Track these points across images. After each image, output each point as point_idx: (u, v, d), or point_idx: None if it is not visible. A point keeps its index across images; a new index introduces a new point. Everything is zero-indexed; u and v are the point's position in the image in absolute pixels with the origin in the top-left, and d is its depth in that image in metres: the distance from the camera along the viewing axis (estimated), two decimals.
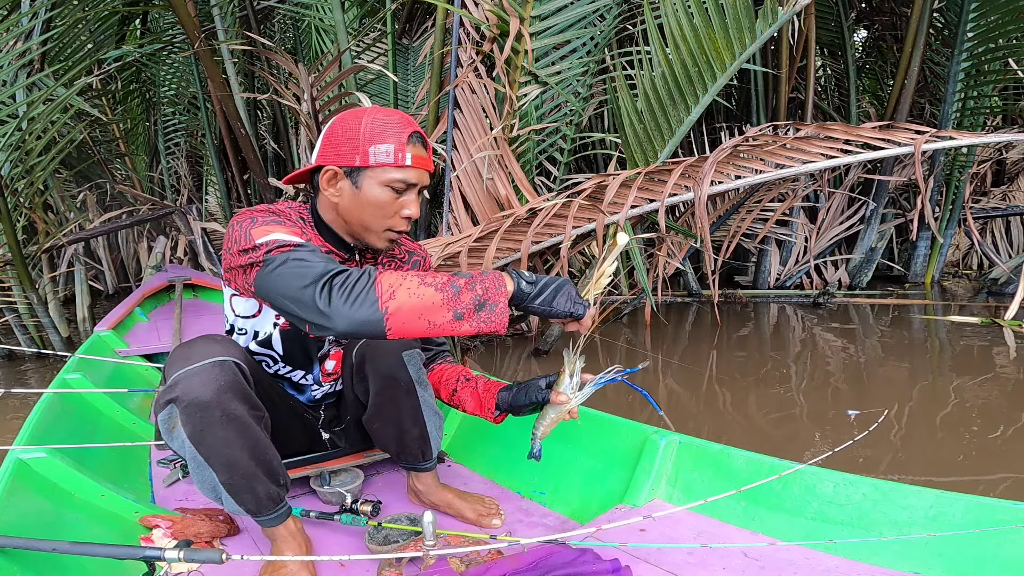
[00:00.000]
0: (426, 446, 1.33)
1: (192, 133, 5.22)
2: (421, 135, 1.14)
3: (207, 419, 1.01)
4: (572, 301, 0.98)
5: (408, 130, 1.11)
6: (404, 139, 1.10)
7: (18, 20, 3.09)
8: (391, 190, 1.11)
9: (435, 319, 0.92)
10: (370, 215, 1.13)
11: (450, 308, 0.92)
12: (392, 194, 1.12)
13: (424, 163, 1.14)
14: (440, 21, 3.05)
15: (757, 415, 2.26)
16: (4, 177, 3.00)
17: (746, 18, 2.57)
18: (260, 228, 1.04)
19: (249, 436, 1.05)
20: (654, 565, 1.13)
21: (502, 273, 0.97)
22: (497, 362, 2.96)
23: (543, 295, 0.97)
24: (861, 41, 5.39)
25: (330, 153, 1.12)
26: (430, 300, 0.91)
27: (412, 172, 1.12)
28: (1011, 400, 2.29)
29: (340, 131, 1.12)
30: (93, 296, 4.08)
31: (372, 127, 1.10)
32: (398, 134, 1.10)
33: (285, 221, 1.10)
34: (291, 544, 1.15)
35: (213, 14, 3.78)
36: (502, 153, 2.87)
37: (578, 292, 1.01)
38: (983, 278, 4.65)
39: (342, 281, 0.93)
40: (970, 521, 1.03)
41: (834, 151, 2.66)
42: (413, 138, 1.12)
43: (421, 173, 1.14)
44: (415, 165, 1.12)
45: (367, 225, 1.15)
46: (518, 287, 0.96)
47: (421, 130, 1.16)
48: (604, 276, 1.02)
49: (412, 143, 1.12)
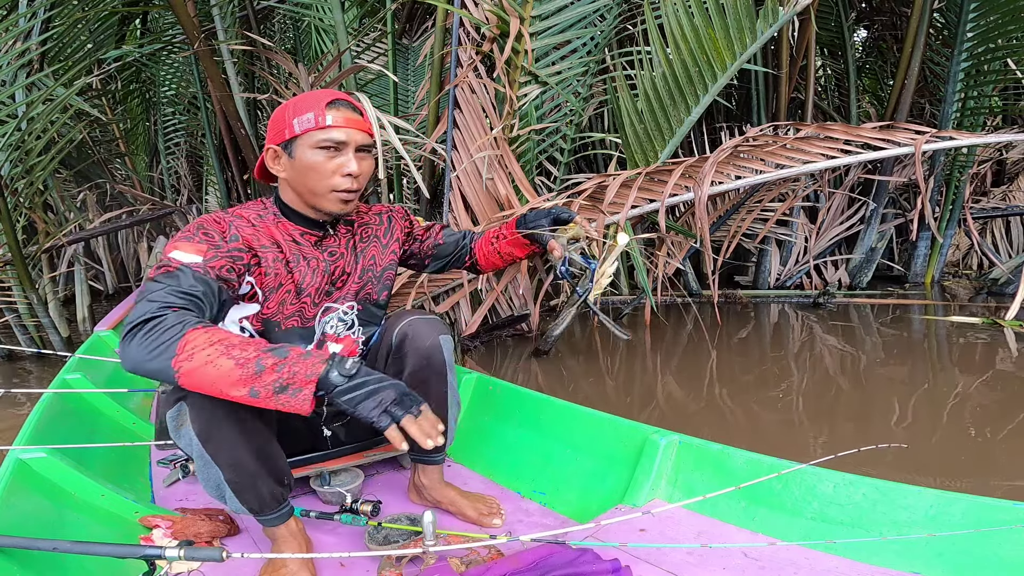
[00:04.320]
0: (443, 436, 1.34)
1: (192, 133, 5.21)
2: (348, 102, 1.20)
3: (215, 417, 1.02)
4: (381, 410, 0.90)
5: (328, 99, 1.18)
6: (323, 105, 1.17)
7: (17, 20, 3.09)
8: (321, 151, 1.17)
9: (227, 391, 0.90)
10: (311, 180, 1.19)
11: (246, 385, 0.90)
12: (323, 155, 1.17)
13: (351, 122, 1.18)
14: (440, 21, 3.05)
15: (757, 415, 2.26)
16: (4, 177, 3.00)
17: (746, 18, 2.57)
18: (175, 243, 1.09)
19: (255, 435, 1.07)
20: (654, 565, 1.13)
21: (323, 359, 0.92)
22: (497, 362, 2.96)
23: (353, 393, 0.90)
24: (861, 41, 5.39)
25: (269, 137, 1.22)
26: (225, 373, 0.89)
27: (336, 131, 1.17)
28: (1011, 400, 2.29)
29: (274, 117, 1.21)
30: (93, 296, 4.08)
31: (295, 103, 1.19)
32: (317, 102, 1.17)
33: (204, 237, 1.11)
34: (292, 544, 1.15)
35: (213, 14, 3.77)
36: (502, 153, 2.87)
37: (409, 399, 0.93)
38: (983, 278, 4.65)
39: (151, 327, 0.93)
40: (970, 521, 1.04)
41: (834, 151, 2.66)
42: (334, 104, 1.18)
43: (349, 132, 1.18)
44: (336, 124, 1.17)
45: (312, 189, 1.20)
46: (325, 376, 0.90)
47: (348, 97, 1.22)
48: (604, 276, 1.02)
49: (332, 107, 1.18)
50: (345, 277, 1.32)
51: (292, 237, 1.25)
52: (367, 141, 1.21)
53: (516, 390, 1.72)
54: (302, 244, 1.26)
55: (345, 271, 1.32)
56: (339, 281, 1.31)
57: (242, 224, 1.19)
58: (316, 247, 1.28)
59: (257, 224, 1.22)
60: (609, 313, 3.86)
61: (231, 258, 1.12)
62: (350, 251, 1.33)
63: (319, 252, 1.28)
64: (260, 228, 1.22)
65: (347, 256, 1.32)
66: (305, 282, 1.25)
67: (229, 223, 1.17)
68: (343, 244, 1.32)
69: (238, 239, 1.15)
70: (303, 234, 1.26)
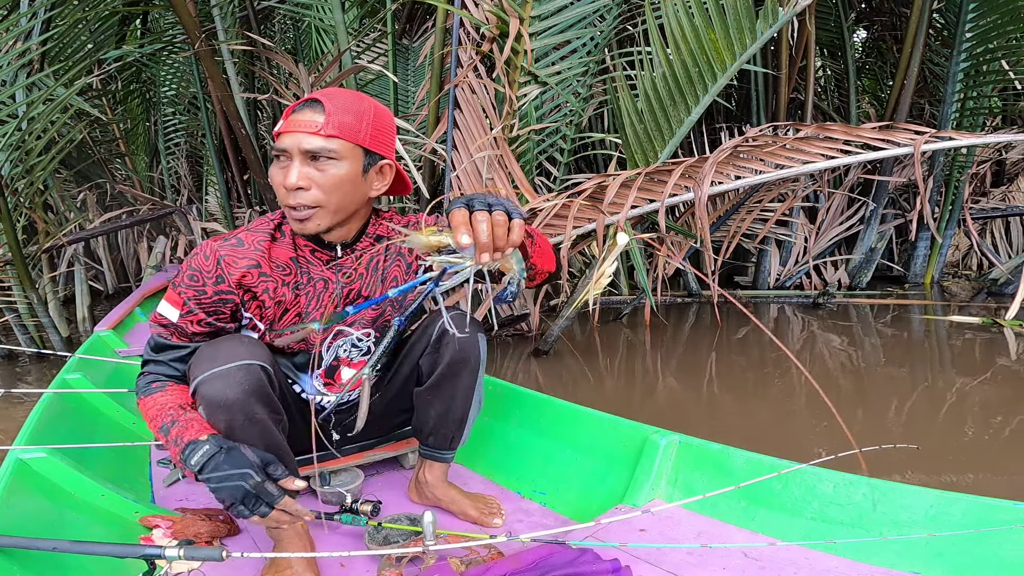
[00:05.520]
0: (459, 432, 1.34)
1: (192, 133, 5.21)
2: (317, 101, 1.04)
3: (230, 422, 1.02)
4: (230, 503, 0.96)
5: (303, 100, 1.06)
6: (291, 109, 1.05)
7: (17, 20, 3.09)
8: (275, 163, 1.07)
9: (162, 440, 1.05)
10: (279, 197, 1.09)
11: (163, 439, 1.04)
12: (276, 167, 1.06)
13: (297, 125, 1.02)
14: (440, 21, 3.05)
15: (757, 415, 2.26)
16: (4, 177, 3.00)
17: (746, 19, 2.57)
18: (168, 292, 1.12)
19: (268, 439, 1.06)
20: (654, 565, 1.13)
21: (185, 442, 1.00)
22: (497, 362, 2.96)
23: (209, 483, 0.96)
24: (861, 41, 5.39)
25: None
26: (154, 426, 1.07)
27: (282, 138, 1.04)
28: (1012, 400, 2.29)
29: None
30: (93, 296, 4.08)
31: None
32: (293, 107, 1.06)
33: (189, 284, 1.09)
34: (298, 544, 1.14)
35: (213, 14, 3.78)
36: (502, 153, 2.87)
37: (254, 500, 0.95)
38: (983, 278, 4.65)
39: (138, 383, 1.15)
40: (970, 521, 1.04)
41: (834, 151, 2.66)
42: (298, 107, 1.05)
43: (294, 137, 1.02)
44: (282, 129, 1.04)
45: None
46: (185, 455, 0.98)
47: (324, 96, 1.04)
48: (604, 276, 1.02)
49: (295, 112, 1.04)
50: (361, 301, 1.19)
51: (305, 254, 1.16)
52: (318, 146, 1.02)
53: (516, 390, 1.72)
54: (313, 263, 1.16)
55: (362, 294, 1.20)
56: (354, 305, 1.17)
57: (237, 257, 1.10)
58: (329, 267, 1.17)
59: (263, 246, 1.12)
60: (609, 313, 3.86)
61: (218, 303, 1.10)
62: (371, 272, 1.20)
63: (332, 273, 1.17)
64: (267, 250, 1.12)
65: (367, 277, 1.20)
66: (311, 307, 1.17)
67: (218, 259, 1.08)
68: (364, 263, 1.19)
69: (224, 281, 1.09)
70: (314, 251, 1.16)
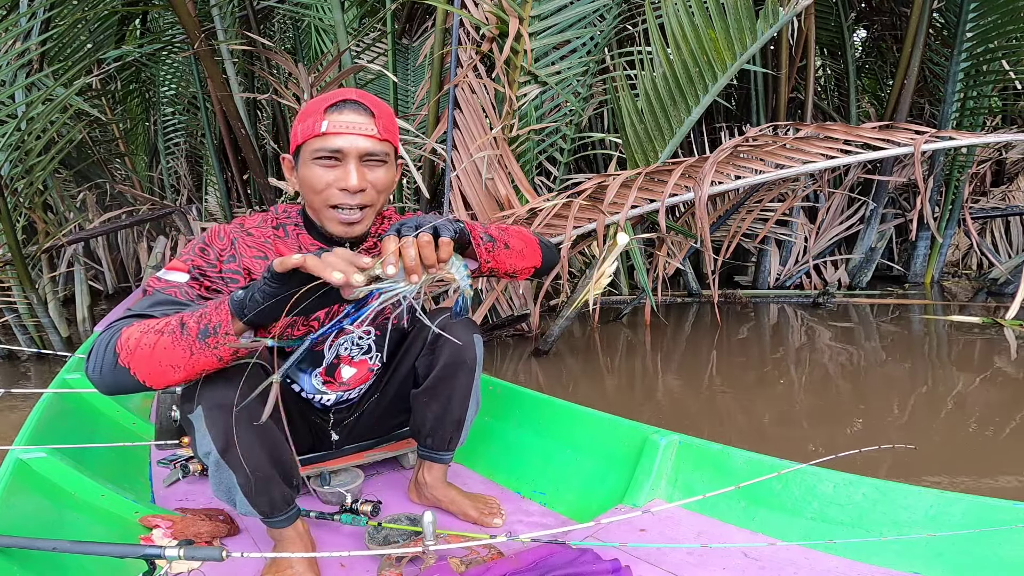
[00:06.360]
0: (457, 433, 1.34)
1: (192, 133, 5.21)
2: (357, 102, 1.05)
3: (231, 421, 1.01)
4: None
5: (331, 100, 1.05)
6: (324, 108, 1.04)
7: (17, 20, 3.09)
8: (318, 162, 1.05)
9: (172, 362, 0.89)
10: (310, 195, 1.08)
11: (181, 347, 0.89)
12: (320, 167, 1.05)
13: (349, 126, 1.03)
14: (440, 21, 3.05)
15: (757, 415, 2.26)
16: (4, 177, 3.00)
17: (747, 19, 2.57)
18: (175, 260, 1.07)
19: (269, 439, 1.05)
20: (654, 565, 1.13)
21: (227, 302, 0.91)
22: (497, 362, 2.96)
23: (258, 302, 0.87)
24: (861, 41, 5.39)
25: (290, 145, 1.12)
26: (162, 346, 0.89)
27: (332, 139, 1.03)
28: (1011, 400, 2.29)
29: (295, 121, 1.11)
30: (93, 296, 4.07)
31: (305, 107, 1.06)
32: (320, 104, 1.05)
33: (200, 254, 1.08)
34: (298, 545, 1.14)
35: (213, 14, 3.77)
36: (502, 153, 2.87)
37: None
38: (983, 278, 4.65)
39: (93, 349, 0.93)
40: (970, 521, 1.04)
41: (834, 151, 2.65)
42: (335, 107, 1.04)
43: (348, 138, 1.03)
44: (331, 131, 1.03)
45: (314, 207, 1.10)
46: (232, 299, 0.89)
47: (361, 97, 1.06)
48: (604, 276, 1.02)
49: (333, 111, 1.04)
50: None
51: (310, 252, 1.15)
52: (375, 148, 1.06)
53: (516, 390, 1.72)
54: None
55: None
56: None
57: (247, 243, 1.13)
58: None
59: (268, 239, 1.14)
60: (610, 313, 3.86)
61: (220, 282, 1.09)
62: None
63: None
64: (271, 243, 1.14)
65: None
66: None
67: (233, 240, 1.12)
68: None
69: (235, 260, 1.10)
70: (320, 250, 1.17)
